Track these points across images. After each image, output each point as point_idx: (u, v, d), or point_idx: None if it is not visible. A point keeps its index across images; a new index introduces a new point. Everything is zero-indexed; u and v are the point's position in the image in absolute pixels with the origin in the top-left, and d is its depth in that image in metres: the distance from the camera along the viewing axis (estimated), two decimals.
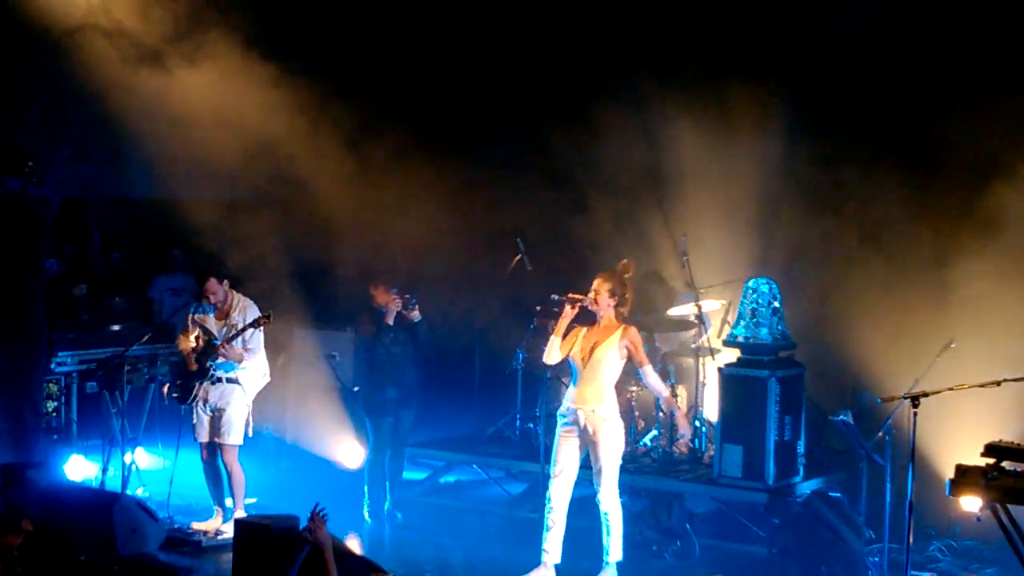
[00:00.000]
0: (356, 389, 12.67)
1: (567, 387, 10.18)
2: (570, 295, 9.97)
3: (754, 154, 12.91)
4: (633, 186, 13.62)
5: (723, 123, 12.92)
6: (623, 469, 10.24)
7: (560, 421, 10.03)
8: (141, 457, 12.54)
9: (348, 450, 12.78)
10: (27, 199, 11.89)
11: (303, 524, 8.92)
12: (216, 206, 13.91)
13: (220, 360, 11.09)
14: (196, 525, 11.23)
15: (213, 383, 11.14)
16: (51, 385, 12.87)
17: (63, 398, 12.99)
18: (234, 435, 11.20)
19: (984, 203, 11.25)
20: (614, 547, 9.86)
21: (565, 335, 10.02)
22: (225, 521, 11.06)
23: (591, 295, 9.90)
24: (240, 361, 11.10)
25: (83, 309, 14.09)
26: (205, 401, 11.18)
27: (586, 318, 10.02)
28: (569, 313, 9.95)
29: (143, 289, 15.64)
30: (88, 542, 10.04)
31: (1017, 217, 11.09)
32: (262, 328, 11.13)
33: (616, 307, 9.94)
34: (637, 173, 13.55)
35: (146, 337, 12.10)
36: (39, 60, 12.93)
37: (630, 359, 9.91)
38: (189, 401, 11.17)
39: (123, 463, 11.80)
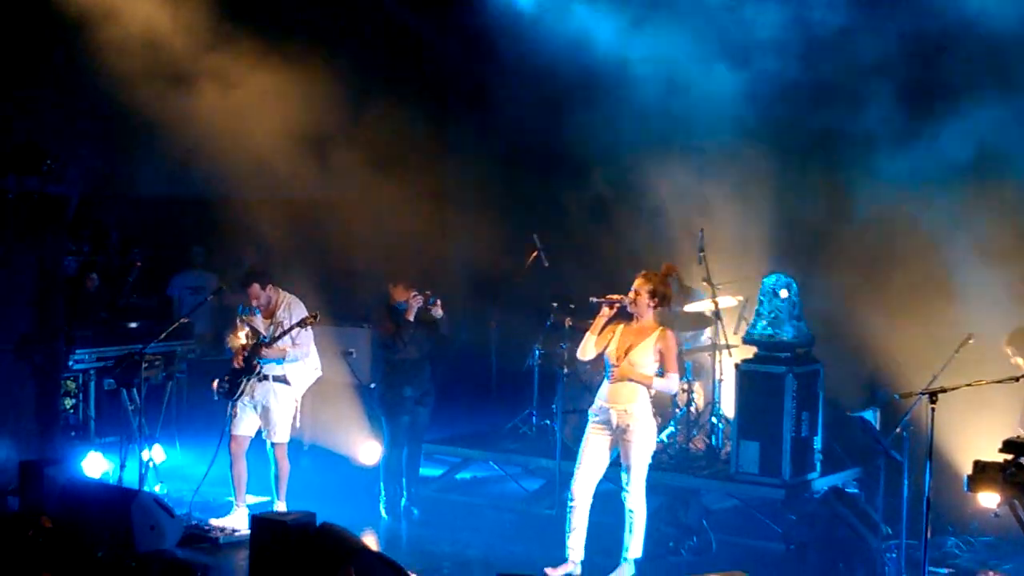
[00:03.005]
0: (373, 386, 12.68)
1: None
2: (608, 296, 9.81)
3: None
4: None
5: None
6: None
7: (591, 419, 9.89)
8: (158, 454, 12.57)
9: (365, 447, 12.79)
10: (46, 197, 11.94)
11: (319, 520, 8.97)
12: (234, 203, 13.96)
13: (266, 358, 11.16)
14: (214, 521, 11.24)
15: (260, 380, 11.20)
16: (69, 382, 12.92)
17: (81, 395, 13.04)
18: (281, 432, 11.28)
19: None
20: (635, 544, 9.76)
21: (602, 330, 9.86)
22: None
23: (631, 295, 9.70)
24: (285, 357, 11.17)
25: (100, 306, 14.11)
26: (251, 397, 11.24)
27: (622, 314, 9.87)
28: (607, 313, 9.79)
29: (162, 287, 15.68)
30: (106, 539, 10.08)
31: None
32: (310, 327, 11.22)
33: (655, 308, 9.76)
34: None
35: (164, 334, 12.12)
36: (58, 58, 12.98)
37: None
38: (236, 397, 11.22)
39: (140, 460, 11.83)
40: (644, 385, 9.66)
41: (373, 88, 13.91)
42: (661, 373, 9.76)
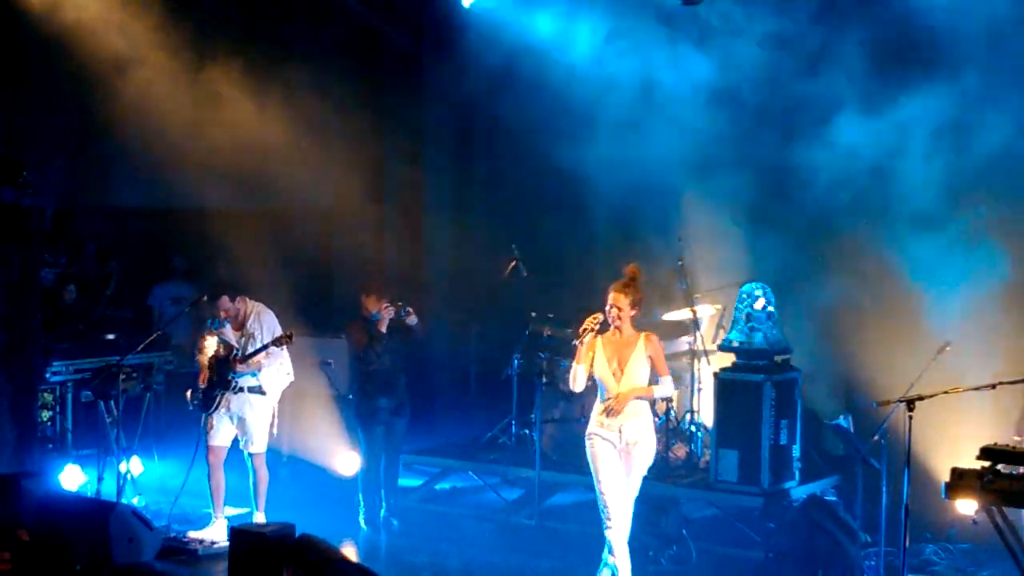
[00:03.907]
0: (351, 397, 12.67)
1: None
2: (586, 329, 9.47)
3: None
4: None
5: None
6: None
7: (595, 439, 9.58)
8: (136, 466, 12.52)
9: (344, 458, 12.76)
10: (21, 209, 11.90)
11: (299, 532, 8.94)
12: (211, 214, 13.94)
13: (240, 372, 11.15)
14: (192, 534, 11.21)
15: (235, 392, 11.18)
16: (46, 395, 12.87)
17: (58, 408, 13.00)
18: (259, 441, 11.29)
19: None
20: (620, 553, 9.57)
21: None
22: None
23: (612, 312, 9.47)
24: (260, 369, 11.17)
25: (78, 318, 14.07)
26: (227, 408, 11.22)
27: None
28: (591, 341, 9.52)
29: (140, 298, 15.64)
30: (84, 551, 10.02)
31: None
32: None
33: (633, 316, 9.57)
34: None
35: (141, 346, 12.09)
36: (33, 70, 12.95)
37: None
38: (212, 410, 11.20)
39: (118, 472, 11.79)
40: (647, 399, 9.57)
41: (350, 99, 13.90)
42: (656, 380, 9.60)
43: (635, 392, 9.45)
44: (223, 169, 13.25)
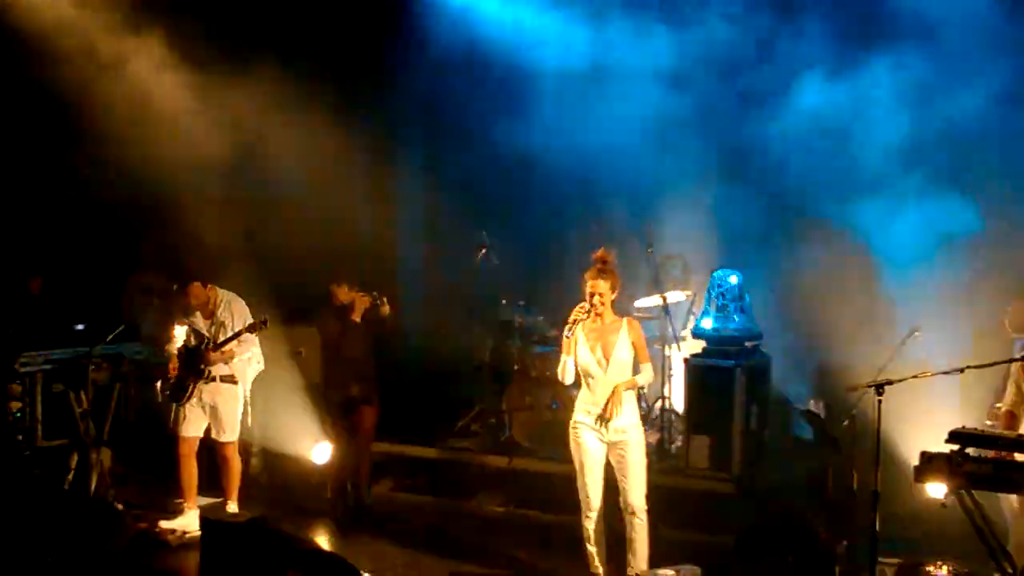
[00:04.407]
0: (321, 386, 12.65)
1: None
2: (574, 320, 9.30)
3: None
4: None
5: None
6: None
7: (581, 429, 9.47)
8: (106, 456, 12.47)
9: (316, 447, 12.74)
10: None
11: (271, 521, 8.94)
12: (178, 203, 13.87)
13: (212, 362, 11.12)
14: (164, 524, 11.18)
15: (207, 382, 11.14)
16: (15, 386, 12.78)
17: (28, 399, 12.91)
18: (231, 431, 11.27)
19: None
20: (640, 555, 9.36)
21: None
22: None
23: (595, 300, 9.29)
24: (231, 359, 11.13)
25: (47, 308, 13.99)
26: (199, 398, 11.18)
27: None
28: (580, 332, 9.37)
29: (112, 288, 15.54)
30: (55, 543, 9.98)
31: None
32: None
33: (612, 300, 9.44)
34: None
35: (111, 336, 12.03)
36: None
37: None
38: (184, 400, 11.16)
39: (88, 463, 11.74)
40: (634, 389, 9.44)
41: (317, 86, 13.85)
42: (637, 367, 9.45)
43: (625, 386, 9.30)
44: (191, 159, 13.19)
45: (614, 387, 9.25)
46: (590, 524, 9.44)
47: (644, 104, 13.00)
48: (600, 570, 9.47)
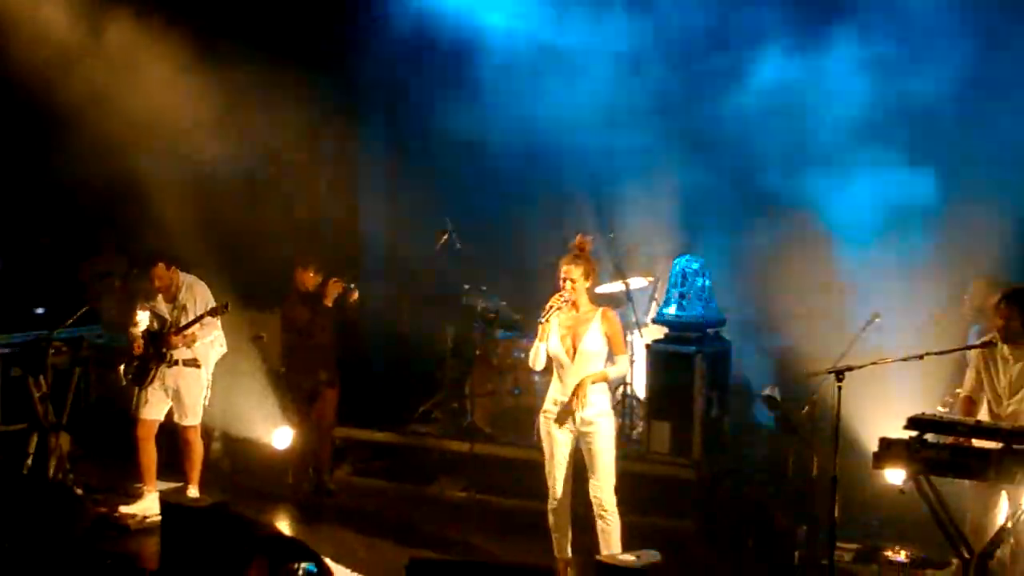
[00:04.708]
0: (283, 371, 12.63)
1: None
2: (551, 307, 9.15)
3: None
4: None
5: None
6: None
7: (547, 415, 9.33)
8: (66, 441, 12.41)
9: (277, 432, 12.71)
10: None
11: (232, 506, 8.91)
12: (138, 186, 13.80)
13: (174, 345, 11.08)
14: (124, 509, 11.14)
15: (170, 366, 11.10)
16: None
17: None
18: (193, 415, 11.23)
19: None
20: (613, 548, 9.18)
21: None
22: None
23: (568, 286, 9.16)
24: (193, 343, 11.10)
25: (5, 291, 13.90)
26: (162, 382, 11.13)
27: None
28: (554, 320, 9.22)
29: (70, 272, 15.46)
30: (12, 528, 9.93)
31: None
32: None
33: (588, 288, 9.29)
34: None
35: (70, 320, 11.97)
36: None
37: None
38: (146, 383, 11.11)
39: (48, 447, 11.68)
40: (603, 382, 9.27)
41: (281, 68, 13.79)
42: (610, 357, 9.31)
43: (592, 379, 9.13)
44: (150, 140, 13.12)
45: (581, 379, 9.13)
46: (553, 512, 9.38)
47: (605, 87, 13.00)
48: (565, 556, 9.44)
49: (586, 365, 9.17)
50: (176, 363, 11.12)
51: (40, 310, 13.47)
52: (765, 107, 12.34)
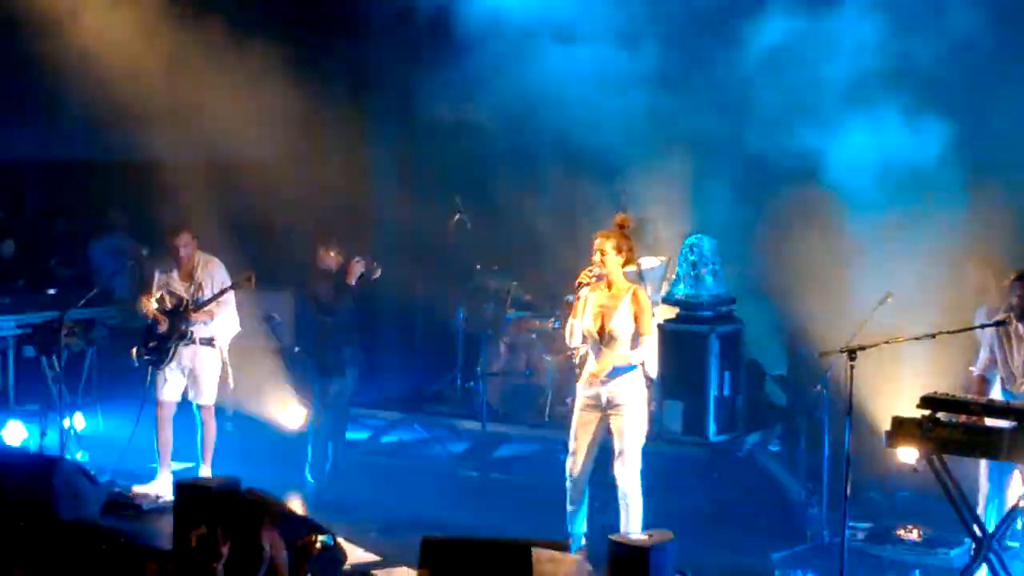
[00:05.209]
0: (297, 350, 12.65)
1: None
2: (581, 283, 9.18)
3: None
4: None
5: None
6: (561, 427, 10.24)
7: (580, 395, 9.41)
8: (79, 421, 12.46)
9: (289, 412, 12.74)
10: None
11: (244, 486, 8.92)
12: (151, 167, 13.81)
13: (194, 321, 11.08)
14: (137, 489, 11.17)
15: (187, 345, 11.10)
16: None
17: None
18: (209, 394, 11.27)
19: None
20: (633, 531, 9.18)
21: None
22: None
23: (597, 258, 9.17)
24: (212, 318, 11.12)
25: (19, 272, 13.94)
26: (178, 362, 11.15)
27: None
28: (587, 295, 9.23)
29: (82, 252, 15.49)
30: (27, 507, 9.97)
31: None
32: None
33: (623, 265, 9.28)
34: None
35: (83, 301, 11.99)
36: None
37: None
38: (166, 363, 11.12)
39: (61, 427, 11.72)
40: (627, 365, 9.21)
41: (291, 50, 13.77)
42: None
43: (615, 361, 9.13)
44: (163, 121, 13.12)
45: (604, 363, 9.14)
46: (570, 487, 9.43)
47: (618, 65, 12.94)
48: (580, 531, 9.47)
49: (616, 346, 9.17)
50: (193, 341, 11.13)
51: (52, 291, 13.49)
52: (774, 77, 12.24)
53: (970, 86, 11.45)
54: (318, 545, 7.28)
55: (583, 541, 9.47)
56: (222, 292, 11.06)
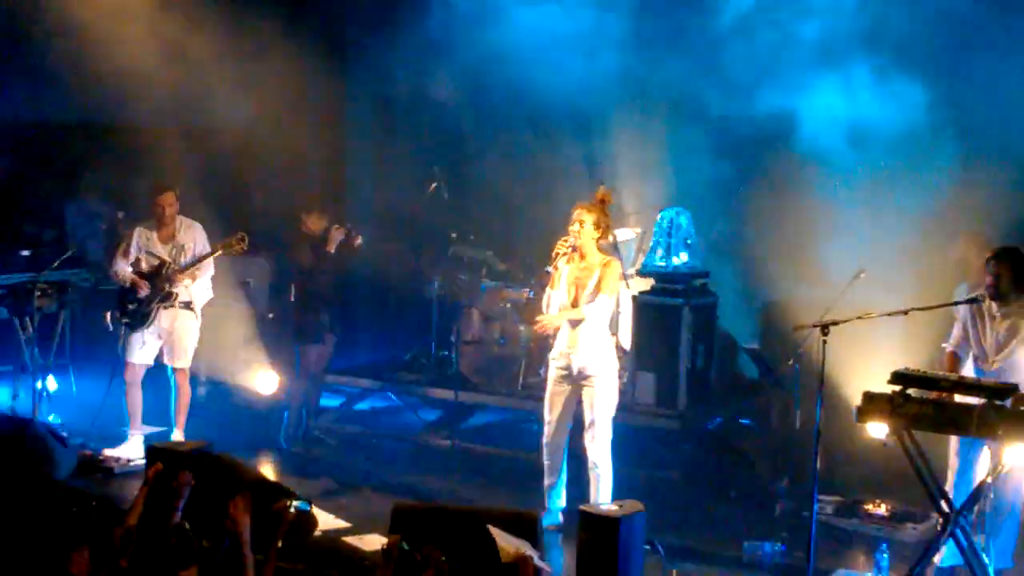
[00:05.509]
0: (271, 316, 12.63)
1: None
2: (558, 253, 9.24)
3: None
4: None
5: None
6: (534, 396, 10.25)
7: (552, 366, 9.53)
8: (51, 383, 12.43)
9: (262, 377, 12.72)
10: None
11: (216, 450, 8.91)
12: (126, 130, 13.75)
13: (177, 284, 11.07)
14: (108, 452, 11.15)
15: (167, 308, 11.08)
16: None
17: None
18: (186, 358, 11.26)
19: None
20: (604, 502, 9.22)
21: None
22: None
23: (575, 228, 9.24)
24: (194, 281, 11.11)
25: None
26: (157, 324, 11.12)
27: None
28: (562, 267, 9.32)
29: (57, 214, 15.41)
30: None
31: None
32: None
33: (598, 240, 9.36)
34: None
35: (57, 263, 11.95)
36: None
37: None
38: (146, 326, 11.08)
39: (34, 389, 11.70)
40: (574, 319, 9.27)
41: (270, 15, 13.69)
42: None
43: (561, 315, 9.30)
44: (139, 85, 13.04)
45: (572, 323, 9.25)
46: (546, 459, 9.56)
47: (591, 29, 12.91)
48: (557, 507, 9.57)
49: (588, 317, 9.26)
50: (173, 305, 11.10)
51: (26, 252, 13.42)
52: (748, 46, 12.23)
53: (949, 50, 11.43)
54: (292, 510, 7.27)
55: (560, 517, 9.52)
56: (209, 255, 11.04)
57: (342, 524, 9.55)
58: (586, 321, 9.26)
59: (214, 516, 7.23)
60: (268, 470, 11.02)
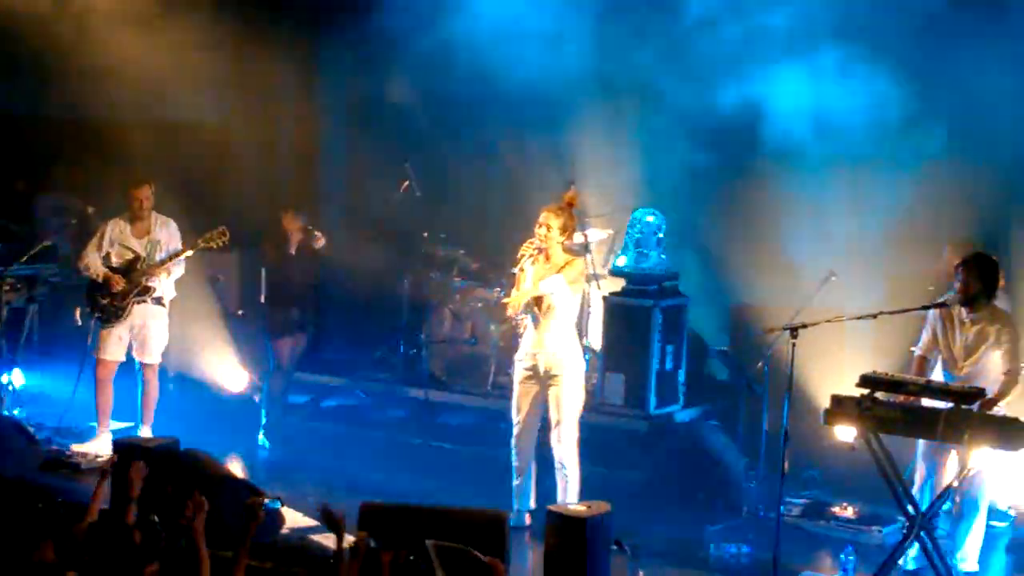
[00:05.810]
0: (241, 313, 12.59)
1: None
2: (524, 255, 9.37)
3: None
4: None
5: None
6: (504, 396, 10.25)
7: (518, 367, 9.58)
8: (18, 378, 12.36)
9: (232, 374, 12.68)
10: None
11: (183, 447, 8.89)
12: (96, 125, 13.69)
13: (152, 279, 11.03)
14: (75, 447, 11.10)
15: (140, 303, 11.02)
16: None
17: None
18: (156, 354, 11.23)
19: None
20: (571, 501, 9.29)
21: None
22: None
23: (542, 232, 9.31)
24: (168, 275, 11.08)
25: None
26: (128, 320, 11.06)
27: None
28: (529, 267, 9.39)
29: (25, 208, 15.34)
30: None
31: None
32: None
33: (563, 242, 9.44)
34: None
35: (25, 257, 11.89)
36: None
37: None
38: (119, 321, 11.02)
39: (0, 384, 11.63)
40: (533, 298, 9.34)
41: (241, 12, 13.65)
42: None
43: (523, 293, 9.34)
44: (110, 80, 13.00)
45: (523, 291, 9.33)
46: (515, 459, 9.60)
47: (559, 23, 12.90)
48: (525, 508, 9.60)
49: (553, 314, 9.34)
50: (146, 300, 11.05)
51: None
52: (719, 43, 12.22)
53: (921, 41, 11.41)
54: (262, 510, 7.25)
55: (527, 518, 9.53)
56: (185, 250, 11.01)
57: (309, 522, 9.50)
58: (550, 320, 9.31)
59: (176, 512, 7.21)
60: (236, 468, 10.98)
